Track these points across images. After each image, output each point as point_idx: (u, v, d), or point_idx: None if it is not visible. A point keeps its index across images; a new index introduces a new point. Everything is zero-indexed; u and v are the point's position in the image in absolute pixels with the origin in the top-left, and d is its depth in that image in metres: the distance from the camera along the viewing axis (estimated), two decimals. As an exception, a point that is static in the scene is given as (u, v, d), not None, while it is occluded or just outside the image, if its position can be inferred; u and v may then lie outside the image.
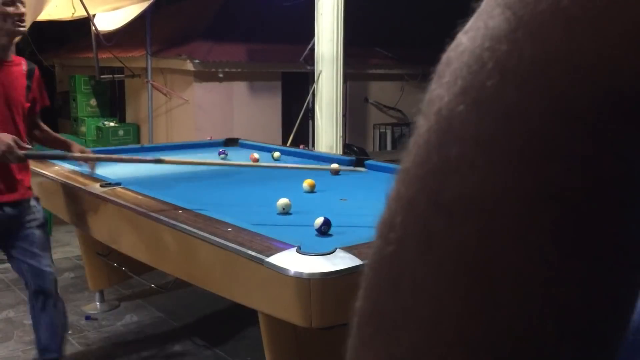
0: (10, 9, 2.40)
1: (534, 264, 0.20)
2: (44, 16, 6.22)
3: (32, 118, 2.83)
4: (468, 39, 0.22)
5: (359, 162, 3.76)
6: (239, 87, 7.90)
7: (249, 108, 7.94)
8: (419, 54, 9.03)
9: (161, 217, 2.39)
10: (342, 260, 1.74)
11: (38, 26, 6.88)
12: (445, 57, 0.23)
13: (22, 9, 2.45)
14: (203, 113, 7.69)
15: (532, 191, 0.20)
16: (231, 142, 4.70)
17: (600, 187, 0.20)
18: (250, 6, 8.04)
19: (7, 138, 2.33)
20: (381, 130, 9.07)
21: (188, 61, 7.44)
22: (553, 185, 0.20)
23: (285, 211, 2.51)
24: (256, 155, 4.03)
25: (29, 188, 2.76)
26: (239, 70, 7.80)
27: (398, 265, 0.23)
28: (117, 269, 3.51)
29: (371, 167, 3.66)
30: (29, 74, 2.66)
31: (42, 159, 2.73)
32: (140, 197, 2.70)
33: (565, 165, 0.20)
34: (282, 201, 2.52)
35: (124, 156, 2.97)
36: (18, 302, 3.98)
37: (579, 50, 0.20)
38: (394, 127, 9.04)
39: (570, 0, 0.20)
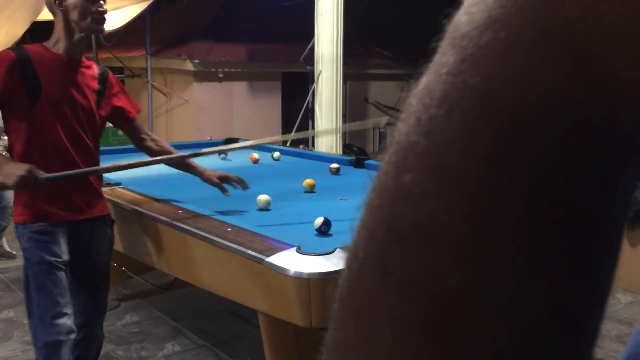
0: (93, 6, 2.19)
1: (489, 287, 0.21)
2: (44, 16, 6.22)
3: (131, 127, 2.52)
4: (424, 79, 0.24)
5: (359, 162, 3.76)
6: (239, 87, 7.90)
7: (249, 108, 7.95)
8: (419, 54, 9.02)
9: (161, 217, 2.39)
10: (342, 260, 1.73)
11: (38, 26, 6.88)
12: (409, 98, 0.25)
13: (105, 7, 2.25)
14: (203, 113, 7.69)
15: (482, 217, 0.21)
16: (231, 142, 4.70)
17: (552, 211, 0.21)
18: (250, 6, 8.04)
19: (20, 169, 2.04)
20: (381, 130, 9.07)
21: (188, 61, 7.44)
22: (502, 211, 0.21)
23: (265, 208, 2.54)
24: (256, 155, 4.02)
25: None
26: (239, 70, 7.80)
27: (358, 293, 0.24)
28: (117, 269, 3.50)
29: (371, 167, 3.66)
30: (102, 79, 2.35)
31: (71, 178, 2.23)
32: (140, 196, 2.70)
33: (510, 190, 0.21)
34: (262, 197, 2.54)
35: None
36: (18, 302, 3.98)
37: (516, 78, 0.21)
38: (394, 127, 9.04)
39: (505, 33, 0.21)
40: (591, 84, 0.20)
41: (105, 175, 3.14)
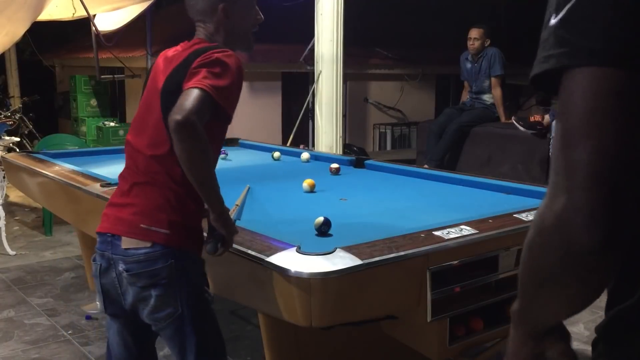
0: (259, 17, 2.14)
1: None
2: (44, 16, 6.22)
3: None
4: None
5: (359, 162, 3.76)
6: (239, 87, 7.90)
7: (249, 108, 7.94)
8: (419, 54, 9.04)
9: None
10: (342, 260, 1.74)
11: (38, 26, 6.88)
12: None
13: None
14: (203, 113, 7.67)
15: None
16: (231, 142, 4.70)
17: None
18: (250, 6, 8.03)
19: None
20: (381, 130, 9.07)
21: (188, 61, 7.43)
22: None
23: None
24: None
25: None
26: (239, 70, 7.80)
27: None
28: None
29: (371, 167, 3.66)
30: None
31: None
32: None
33: None
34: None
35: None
36: (18, 302, 3.98)
37: None
38: (393, 127, 9.04)
39: None
40: None
41: (104, 175, 3.14)
